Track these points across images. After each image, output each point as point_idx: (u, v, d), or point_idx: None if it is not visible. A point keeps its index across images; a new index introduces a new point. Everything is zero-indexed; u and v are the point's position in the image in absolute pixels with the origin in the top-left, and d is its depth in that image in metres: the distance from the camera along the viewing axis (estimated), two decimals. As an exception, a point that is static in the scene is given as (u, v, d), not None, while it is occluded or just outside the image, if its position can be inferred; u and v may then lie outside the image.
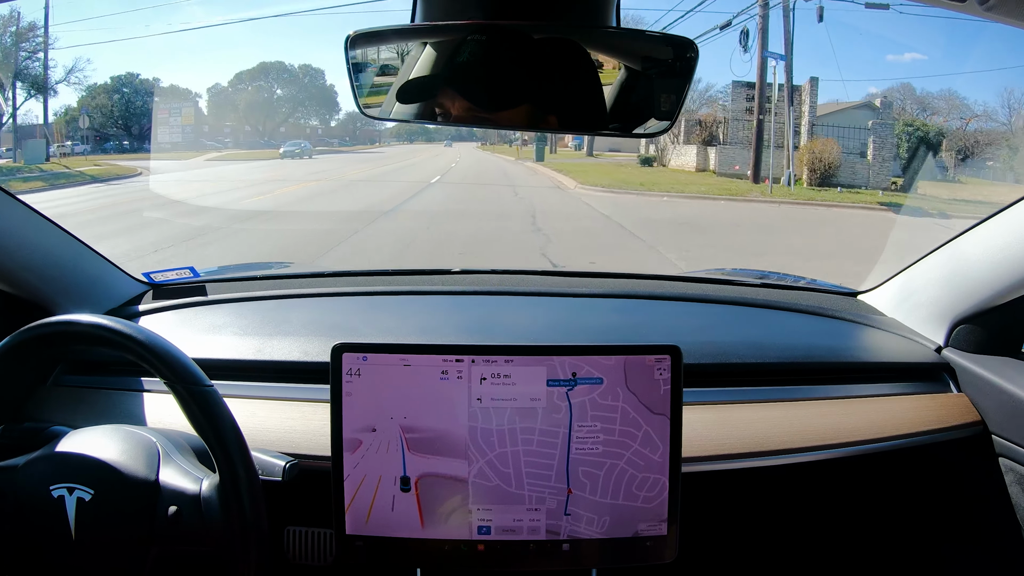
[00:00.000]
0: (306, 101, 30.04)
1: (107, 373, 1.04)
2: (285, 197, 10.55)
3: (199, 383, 0.73)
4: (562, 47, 0.71)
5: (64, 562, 0.72)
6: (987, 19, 0.64)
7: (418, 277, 1.40)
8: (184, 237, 6.49)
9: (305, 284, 1.36)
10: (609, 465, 0.81)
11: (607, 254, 6.09)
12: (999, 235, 0.99)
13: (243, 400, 0.96)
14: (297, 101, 29.79)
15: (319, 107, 30.32)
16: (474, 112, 0.73)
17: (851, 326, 1.21)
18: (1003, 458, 0.99)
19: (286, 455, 0.81)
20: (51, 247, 1.09)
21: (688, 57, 0.71)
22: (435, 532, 0.82)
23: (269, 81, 29.17)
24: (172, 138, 19.67)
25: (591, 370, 0.81)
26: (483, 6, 0.71)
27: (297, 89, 29.79)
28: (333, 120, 31.41)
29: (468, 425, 0.81)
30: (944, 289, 1.11)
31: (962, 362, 1.07)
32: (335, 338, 0.89)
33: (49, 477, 0.73)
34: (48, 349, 0.77)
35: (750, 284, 1.37)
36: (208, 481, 0.74)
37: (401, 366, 0.81)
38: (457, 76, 0.72)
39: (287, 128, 29.16)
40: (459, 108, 0.72)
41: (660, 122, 0.75)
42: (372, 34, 0.74)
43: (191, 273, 1.29)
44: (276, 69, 29.30)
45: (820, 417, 0.99)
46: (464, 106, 0.72)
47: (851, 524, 1.10)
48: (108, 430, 0.78)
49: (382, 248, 6.12)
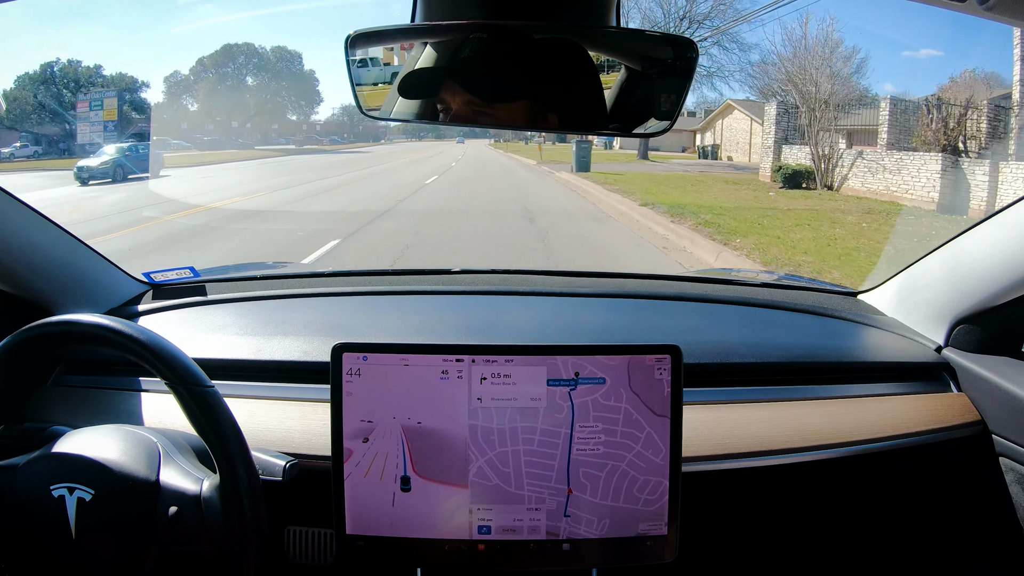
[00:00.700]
0: (281, 91, 25.72)
1: (107, 373, 1.04)
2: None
3: (200, 384, 0.73)
4: (563, 46, 0.71)
5: (64, 562, 0.72)
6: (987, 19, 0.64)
7: (418, 277, 1.40)
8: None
9: (305, 284, 1.36)
10: (611, 467, 0.81)
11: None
12: (999, 235, 0.99)
13: (243, 400, 0.96)
14: (270, 91, 25.46)
15: (296, 98, 25.98)
16: (475, 107, 0.72)
17: (851, 326, 1.21)
18: (1003, 458, 0.99)
19: (286, 455, 0.81)
20: (51, 247, 1.09)
21: (688, 57, 0.71)
22: (435, 532, 0.82)
23: (237, 68, 24.58)
24: (97, 138, 14.73)
25: (594, 370, 0.81)
26: (483, 6, 0.71)
27: (270, 77, 25.41)
28: (313, 113, 27.35)
29: (468, 424, 0.81)
30: (944, 289, 1.11)
31: (962, 362, 1.07)
32: (335, 338, 0.89)
33: (50, 477, 0.73)
34: (49, 349, 0.77)
35: (750, 284, 1.37)
36: (208, 482, 0.74)
37: (401, 366, 0.81)
38: (458, 69, 0.72)
39: (255, 124, 24.49)
40: (459, 102, 0.72)
41: (660, 122, 0.75)
42: (372, 34, 0.75)
43: (191, 273, 1.29)
44: (245, 52, 24.61)
45: (820, 417, 0.99)
46: (464, 100, 0.72)
47: (851, 524, 1.10)
48: (108, 430, 0.78)
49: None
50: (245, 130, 24.06)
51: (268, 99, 25.43)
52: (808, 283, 1.43)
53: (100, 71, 19.80)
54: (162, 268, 1.28)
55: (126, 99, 19.08)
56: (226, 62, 24.67)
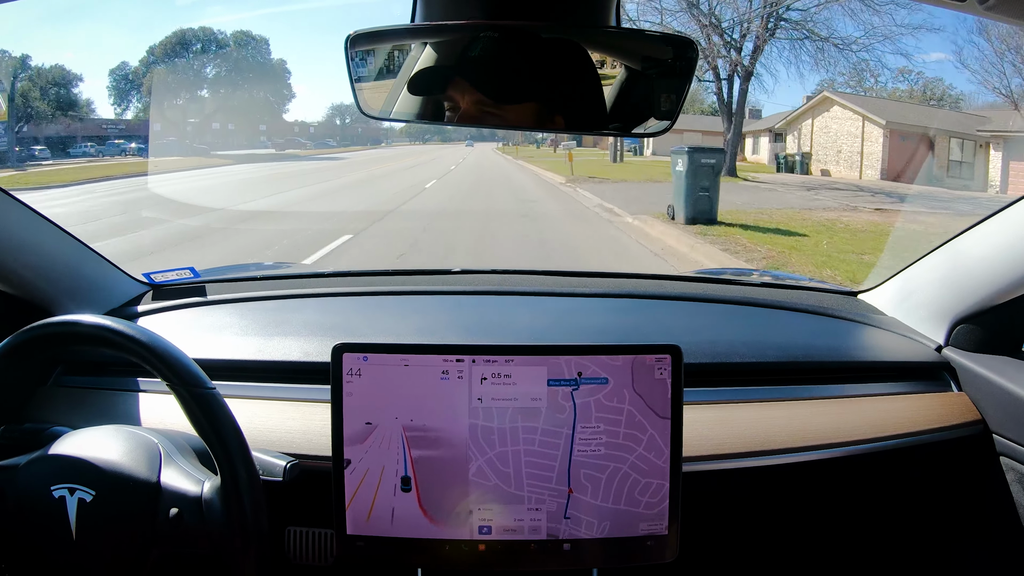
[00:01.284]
0: (243, 83, 20.72)
1: (107, 374, 1.04)
2: None
3: (202, 385, 0.73)
4: (563, 47, 0.71)
5: (64, 562, 0.72)
6: (987, 19, 0.64)
7: (418, 277, 1.40)
8: None
9: (305, 284, 1.36)
10: (612, 469, 0.81)
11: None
12: (999, 234, 0.99)
13: (243, 400, 0.96)
14: (233, 85, 20.73)
15: (263, 91, 21.24)
16: (483, 108, 0.72)
17: (851, 325, 1.21)
18: (1004, 457, 0.99)
19: (287, 455, 0.81)
20: (51, 247, 1.09)
21: (688, 57, 0.71)
22: (436, 532, 0.82)
23: (191, 56, 20.07)
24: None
25: (597, 370, 0.81)
26: (484, 6, 0.71)
27: (230, 66, 20.87)
28: (284, 111, 23.34)
29: (469, 424, 0.81)
30: (944, 288, 1.11)
31: (962, 361, 1.07)
32: (335, 338, 0.89)
33: (50, 477, 0.73)
34: (49, 349, 0.77)
35: (750, 284, 1.37)
36: (209, 483, 0.74)
37: (401, 366, 0.81)
38: (471, 68, 0.71)
39: (225, 127, 19.74)
40: (469, 102, 0.72)
41: (660, 122, 0.75)
42: (372, 34, 0.74)
43: (191, 273, 1.29)
44: (202, 39, 20.12)
45: (820, 416, 0.99)
46: (473, 100, 0.72)
47: (851, 523, 1.10)
48: (110, 431, 0.78)
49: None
50: (211, 132, 19.75)
51: (229, 95, 21.20)
52: (808, 283, 1.43)
53: (27, 61, 17.03)
54: (162, 269, 1.28)
55: (51, 94, 17.02)
56: (180, 51, 20.32)
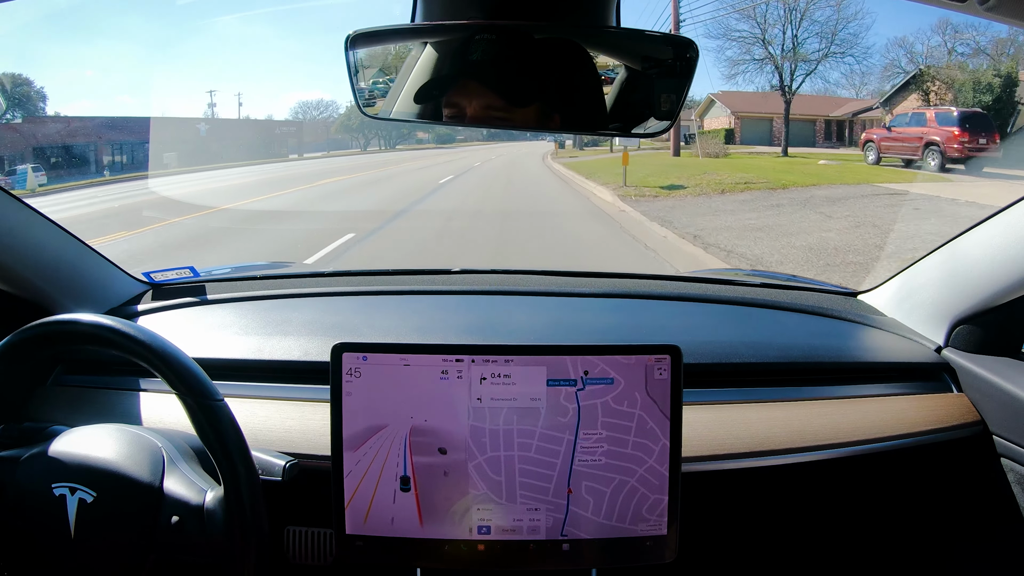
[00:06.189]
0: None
1: (107, 373, 1.04)
2: None
3: (211, 397, 0.72)
4: (564, 47, 0.71)
5: (61, 561, 0.72)
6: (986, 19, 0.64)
7: (418, 277, 1.40)
8: None
9: (305, 284, 1.36)
10: (618, 483, 0.79)
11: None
12: (999, 235, 0.99)
13: (243, 400, 0.96)
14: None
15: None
16: (489, 111, 0.72)
17: (851, 326, 1.21)
18: (1004, 458, 0.99)
19: (286, 455, 0.81)
20: (51, 247, 1.09)
21: (688, 57, 0.71)
22: (435, 532, 0.82)
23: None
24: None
25: (606, 369, 0.79)
26: (484, 6, 0.71)
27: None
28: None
29: (469, 424, 0.81)
30: (944, 289, 1.11)
31: (962, 362, 1.07)
32: (335, 338, 0.89)
33: (52, 474, 0.73)
34: (49, 348, 0.76)
35: (750, 284, 1.37)
36: (212, 493, 0.73)
37: (401, 366, 0.81)
38: (476, 73, 0.71)
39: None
40: (476, 107, 0.72)
41: (660, 122, 0.75)
42: (372, 34, 0.74)
43: (191, 273, 1.29)
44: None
45: (820, 417, 0.99)
46: (481, 104, 0.72)
47: (851, 524, 1.10)
48: (113, 430, 0.78)
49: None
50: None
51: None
52: (808, 283, 1.43)
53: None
54: (162, 268, 1.28)
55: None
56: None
